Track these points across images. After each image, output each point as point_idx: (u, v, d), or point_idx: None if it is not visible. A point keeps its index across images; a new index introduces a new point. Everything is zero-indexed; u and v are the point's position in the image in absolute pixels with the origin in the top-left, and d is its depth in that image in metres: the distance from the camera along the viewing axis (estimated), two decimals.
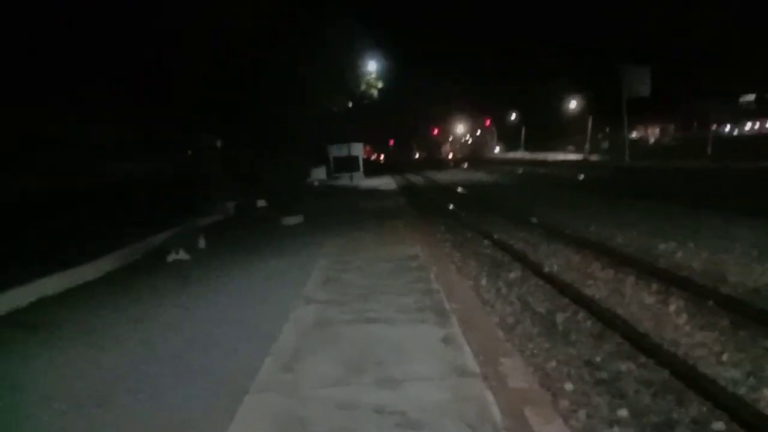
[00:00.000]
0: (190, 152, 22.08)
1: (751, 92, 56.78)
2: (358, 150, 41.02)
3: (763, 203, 12.90)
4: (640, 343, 5.20)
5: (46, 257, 8.61)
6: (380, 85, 33.35)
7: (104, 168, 14.33)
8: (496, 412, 3.75)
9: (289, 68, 19.87)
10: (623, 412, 4.13)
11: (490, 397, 3.96)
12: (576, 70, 60.30)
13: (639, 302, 6.64)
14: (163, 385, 4.45)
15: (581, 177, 30.10)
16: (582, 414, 4.14)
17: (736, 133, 52.27)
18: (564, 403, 4.18)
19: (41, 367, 5.08)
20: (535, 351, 5.26)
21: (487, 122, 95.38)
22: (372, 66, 32.90)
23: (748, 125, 55.47)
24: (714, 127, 44.12)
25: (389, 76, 34.79)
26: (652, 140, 58.21)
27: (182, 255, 10.48)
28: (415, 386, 4.15)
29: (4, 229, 9.96)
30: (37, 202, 11.58)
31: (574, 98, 67.30)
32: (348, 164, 38.81)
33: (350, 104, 33.38)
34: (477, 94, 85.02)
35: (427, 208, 18.73)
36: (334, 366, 4.61)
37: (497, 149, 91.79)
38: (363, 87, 32.39)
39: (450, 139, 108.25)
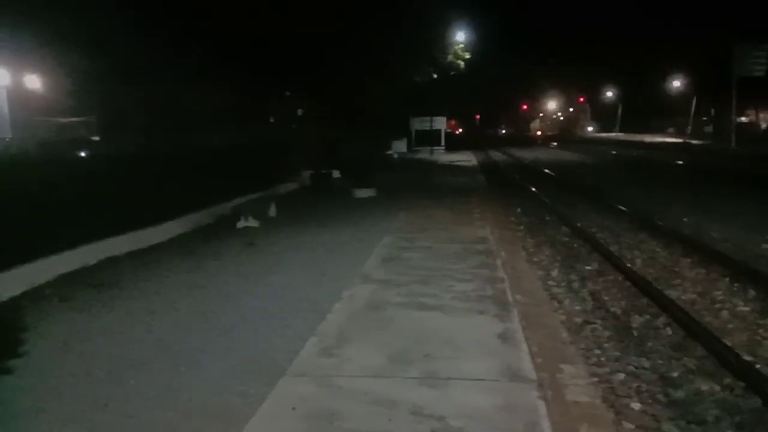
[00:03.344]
0: (272, 120, 22.34)
1: None
2: (441, 124, 40.32)
3: None
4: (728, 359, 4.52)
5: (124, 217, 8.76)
6: (468, 56, 32.18)
7: (202, 137, 14.70)
8: (546, 427, 3.32)
9: (372, 36, 19.40)
10: None
11: (542, 409, 3.53)
12: (682, 45, 55.94)
13: (731, 310, 5.86)
14: (204, 360, 4.33)
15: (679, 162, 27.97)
16: None
17: None
18: (628, 426, 3.64)
19: (95, 329, 5.15)
20: (602, 359, 4.70)
21: (581, 99, 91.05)
22: (460, 36, 31.75)
23: None
24: None
25: (477, 47, 33.60)
26: (764, 126, 53.13)
27: (252, 222, 10.55)
28: (461, 387, 3.79)
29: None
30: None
31: (677, 77, 62.55)
32: (430, 138, 38.27)
33: (435, 75, 32.48)
34: (572, 72, 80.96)
35: (507, 188, 17.96)
36: (377, 355, 4.32)
37: (590, 128, 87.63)
38: (450, 57, 31.35)
39: (540, 115, 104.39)
